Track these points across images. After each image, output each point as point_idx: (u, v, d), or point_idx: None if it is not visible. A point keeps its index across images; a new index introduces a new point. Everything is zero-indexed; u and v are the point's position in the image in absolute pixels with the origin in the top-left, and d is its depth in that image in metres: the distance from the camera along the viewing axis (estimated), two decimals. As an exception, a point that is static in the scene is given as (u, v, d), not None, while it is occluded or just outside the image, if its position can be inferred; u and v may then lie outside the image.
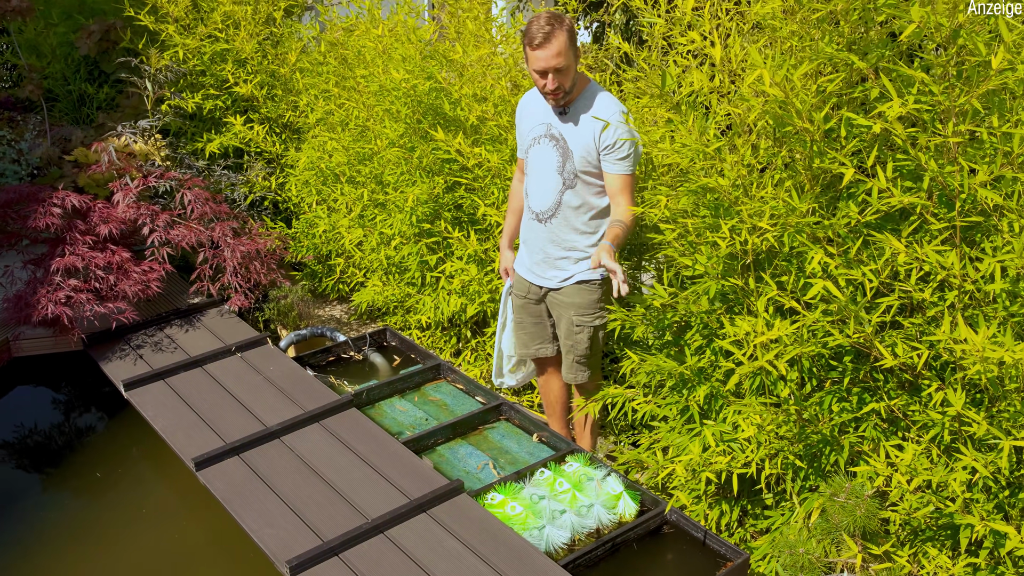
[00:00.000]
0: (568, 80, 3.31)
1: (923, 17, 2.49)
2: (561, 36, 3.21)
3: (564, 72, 3.28)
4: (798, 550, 2.90)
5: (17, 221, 4.76)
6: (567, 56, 3.25)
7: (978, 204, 2.60)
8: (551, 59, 3.23)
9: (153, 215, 4.80)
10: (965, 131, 2.52)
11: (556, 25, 3.22)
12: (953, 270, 2.48)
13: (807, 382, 3.12)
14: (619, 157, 3.36)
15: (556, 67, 3.25)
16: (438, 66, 4.76)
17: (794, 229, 2.87)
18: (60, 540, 3.82)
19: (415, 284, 4.98)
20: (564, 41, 3.22)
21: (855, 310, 2.62)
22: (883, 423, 2.98)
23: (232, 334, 4.68)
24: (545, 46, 3.22)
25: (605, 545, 3.29)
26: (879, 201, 2.60)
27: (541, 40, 3.21)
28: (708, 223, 3.14)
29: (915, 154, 2.52)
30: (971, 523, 2.55)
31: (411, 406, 4.25)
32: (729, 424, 3.17)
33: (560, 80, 3.29)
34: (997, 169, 2.42)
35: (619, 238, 3.31)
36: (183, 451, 3.75)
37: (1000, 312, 2.52)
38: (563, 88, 3.32)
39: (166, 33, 6.13)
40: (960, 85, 2.52)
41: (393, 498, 3.45)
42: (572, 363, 3.76)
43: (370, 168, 5.08)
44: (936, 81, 2.52)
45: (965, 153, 2.60)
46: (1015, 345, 2.28)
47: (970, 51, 2.55)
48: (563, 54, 3.23)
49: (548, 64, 3.25)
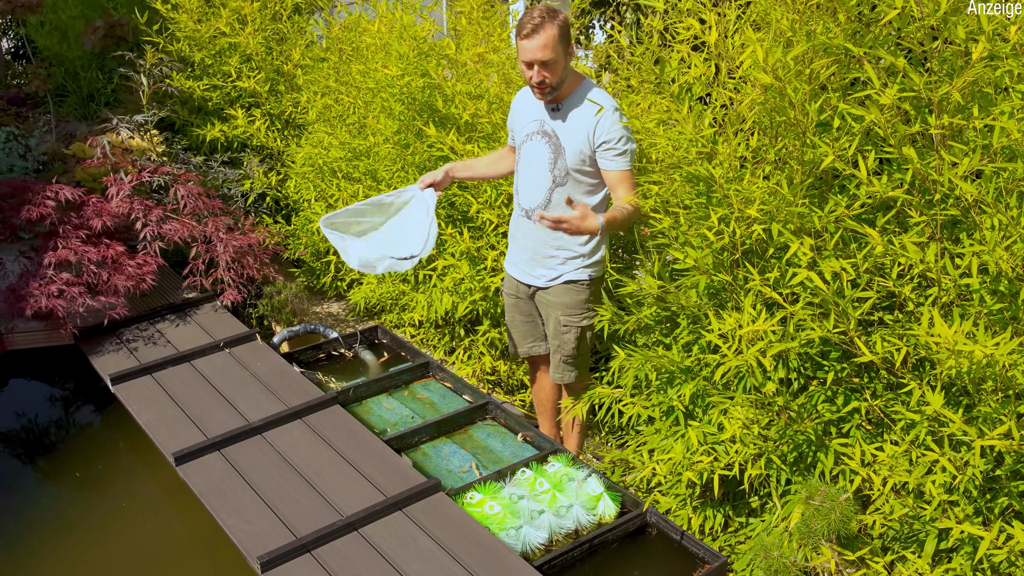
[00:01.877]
0: (555, 76, 3.26)
1: (905, 4, 2.44)
2: (551, 30, 3.18)
3: (550, 66, 3.23)
4: (773, 553, 2.84)
5: (11, 214, 4.77)
6: (555, 50, 3.21)
7: (961, 200, 2.54)
8: (537, 51, 3.19)
9: (146, 210, 4.79)
10: (948, 124, 2.45)
11: (547, 19, 3.18)
12: (929, 264, 2.41)
13: (793, 382, 3.06)
14: (616, 153, 3.30)
15: (542, 60, 3.21)
16: (435, 63, 4.73)
17: (782, 221, 2.81)
18: (41, 533, 3.82)
19: (408, 281, 4.95)
20: (553, 35, 3.18)
21: (843, 304, 2.56)
22: (868, 424, 2.92)
23: (222, 329, 4.66)
24: (533, 36, 3.18)
25: (583, 546, 3.24)
26: (862, 193, 2.54)
27: (530, 31, 3.18)
28: (699, 214, 3.08)
29: (895, 144, 2.46)
30: (948, 527, 2.49)
31: (398, 404, 4.21)
32: (714, 425, 3.12)
33: (546, 73, 3.25)
34: (976, 163, 2.35)
35: (614, 217, 3.25)
36: (165, 445, 3.73)
37: (975, 308, 2.45)
38: (548, 83, 3.27)
39: (175, 24, 6.18)
40: (943, 76, 2.45)
41: (370, 495, 3.41)
42: (559, 363, 3.71)
43: (366, 164, 5.06)
44: (919, 72, 2.45)
45: (949, 148, 2.53)
46: (988, 340, 2.21)
47: (952, 42, 2.49)
48: (550, 47, 3.19)
49: (534, 56, 3.20)
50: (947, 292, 2.53)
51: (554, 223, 3.13)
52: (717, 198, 3.02)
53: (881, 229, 2.69)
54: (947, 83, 2.44)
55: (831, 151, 2.55)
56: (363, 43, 5.27)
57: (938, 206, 2.51)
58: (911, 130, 2.50)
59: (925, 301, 2.62)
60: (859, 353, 2.59)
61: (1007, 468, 2.53)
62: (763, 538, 3.02)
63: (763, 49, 2.66)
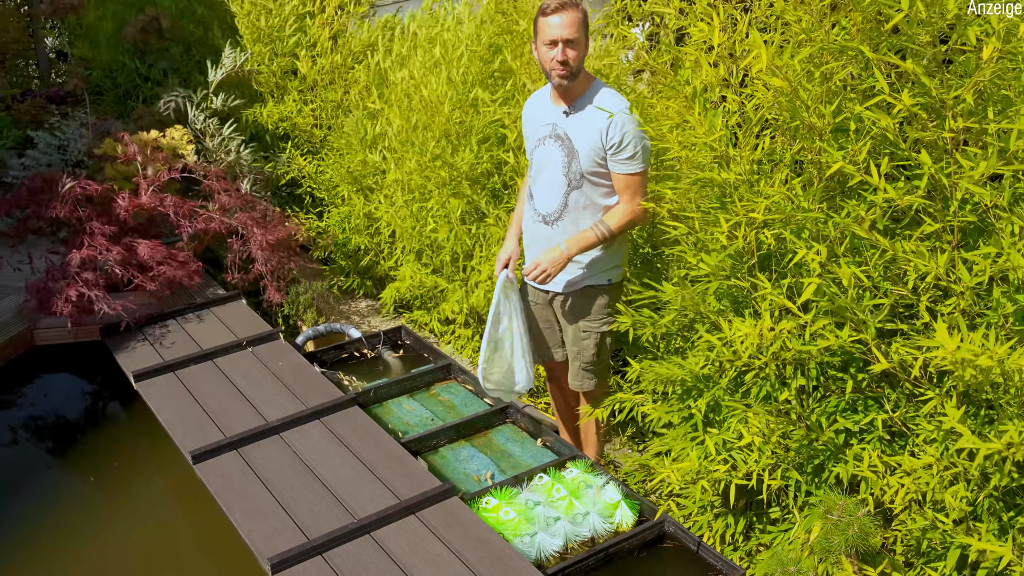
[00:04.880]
0: (577, 57, 3.22)
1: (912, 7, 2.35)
2: (575, 12, 3.18)
3: (575, 45, 3.19)
4: (789, 569, 2.76)
5: (43, 208, 4.81)
6: (579, 31, 3.18)
7: (978, 205, 2.44)
8: (564, 27, 3.16)
9: (177, 206, 4.81)
10: (961, 128, 2.35)
11: (571, 3, 3.18)
12: (939, 271, 2.32)
13: (812, 392, 2.97)
14: (626, 156, 3.24)
15: (567, 38, 3.17)
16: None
17: (796, 227, 2.73)
18: (55, 527, 3.84)
19: (441, 273, 4.95)
20: (578, 17, 3.18)
21: (860, 312, 2.47)
22: (887, 436, 2.82)
23: (245, 328, 4.66)
24: (559, 13, 3.16)
25: (598, 555, 3.17)
26: (878, 199, 2.46)
27: (556, 7, 3.16)
28: (711, 219, 3.01)
29: (906, 149, 2.37)
30: (969, 543, 2.39)
31: (419, 406, 4.18)
32: (733, 434, 3.04)
33: (569, 52, 3.20)
34: (993, 166, 2.25)
35: (582, 243, 3.33)
36: (183, 443, 3.73)
37: (991, 317, 2.35)
38: (570, 63, 3.22)
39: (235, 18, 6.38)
40: (954, 79, 2.36)
41: (383, 499, 3.37)
42: (578, 370, 3.64)
43: (423, 140, 5.04)
44: (930, 75, 2.36)
45: (964, 152, 2.43)
46: (999, 348, 2.12)
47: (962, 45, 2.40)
48: (575, 27, 3.17)
49: (561, 33, 3.16)
50: (963, 299, 2.43)
51: (539, 272, 3.32)
52: (729, 203, 2.95)
53: (897, 236, 2.60)
54: (957, 86, 2.35)
55: (839, 156, 2.46)
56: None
57: (954, 212, 2.42)
58: (925, 135, 2.41)
59: (944, 310, 2.53)
60: (877, 362, 2.51)
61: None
62: (781, 552, 2.93)
63: (770, 51, 2.59)
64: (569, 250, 3.30)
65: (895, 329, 2.77)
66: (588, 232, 3.31)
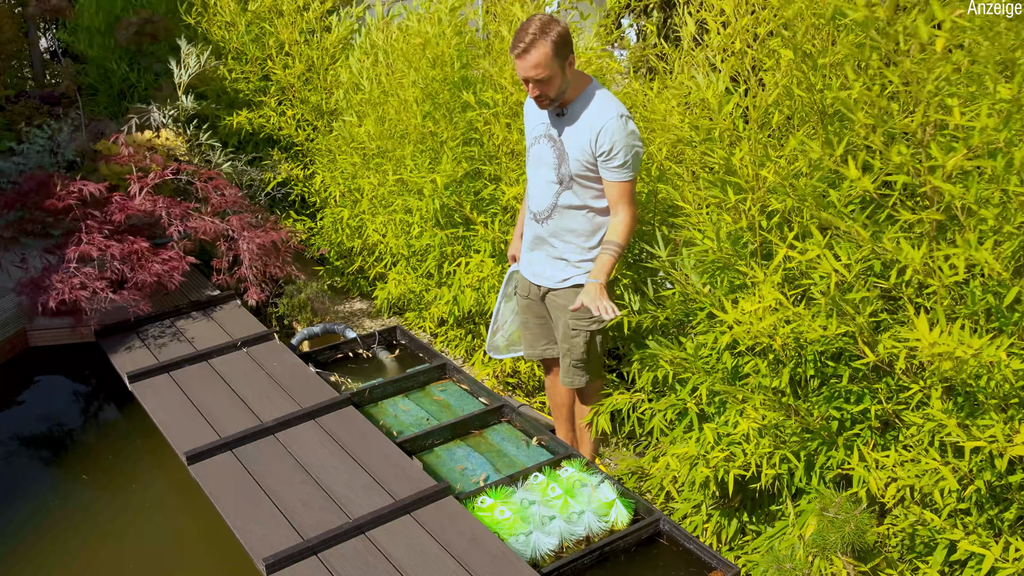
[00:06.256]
0: (552, 89, 3.21)
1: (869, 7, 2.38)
2: (543, 48, 3.10)
3: (546, 82, 3.18)
4: (785, 565, 2.76)
5: (36, 209, 4.80)
6: (548, 67, 3.14)
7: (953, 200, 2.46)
8: (529, 69, 3.15)
9: (169, 207, 4.80)
10: (930, 121, 2.37)
11: (539, 36, 3.10)
12: (915, 264, 2.33)
13: (808, 382, 2.98)
14: (616, 164, 3.24)
15: (535, 77, 3.16)
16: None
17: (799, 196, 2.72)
18: (51, 528, 3.83)
19: (433, 276, 4.93)
20: (546, 53, 3.11)
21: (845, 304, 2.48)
22: (879, 427, 2.83)
23: (240, 328, 4.66)
24: (524, 56, 3.13)
25: (593, 553, 3.18)
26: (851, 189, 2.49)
27: (521, 51, 3.13)
28: (720, 198, 3.03)
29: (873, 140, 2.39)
30: (954, 539, 2.40)
31: (414, 405, 4.18)
32: (731, 424, 3.05)
33: (542, 89, 3.21)
34: (960, 160, 2.26)
35: (606, 268, 3.30)
36: (178, 444, 3.73)
37: (967, 308, 2.36)
38: (546, 96, 3.23)
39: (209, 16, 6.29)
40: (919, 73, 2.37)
41: (379, 498, 3.37)
42: (568, 367, 3.64)
43: (399, 151, 5.00)
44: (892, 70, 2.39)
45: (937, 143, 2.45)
46: (976, 341, 2.12)
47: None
48: (543, 66, 3.13)
49: (527, 74, 3.17)
50: (943, 293, 2.44)
51: (598, 311, 3.24)
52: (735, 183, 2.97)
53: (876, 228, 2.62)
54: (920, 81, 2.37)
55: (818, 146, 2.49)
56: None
57: (921, 205, 2.44)
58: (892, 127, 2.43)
59: (926, 303, 2.54)
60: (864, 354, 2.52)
61: (1020, 478, 2.43)
62: (776, 548, 2.94)
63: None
64: (599, 279, 3.28)
65: (886, 321, 2.79)
66: (603, 256, 3.31)
